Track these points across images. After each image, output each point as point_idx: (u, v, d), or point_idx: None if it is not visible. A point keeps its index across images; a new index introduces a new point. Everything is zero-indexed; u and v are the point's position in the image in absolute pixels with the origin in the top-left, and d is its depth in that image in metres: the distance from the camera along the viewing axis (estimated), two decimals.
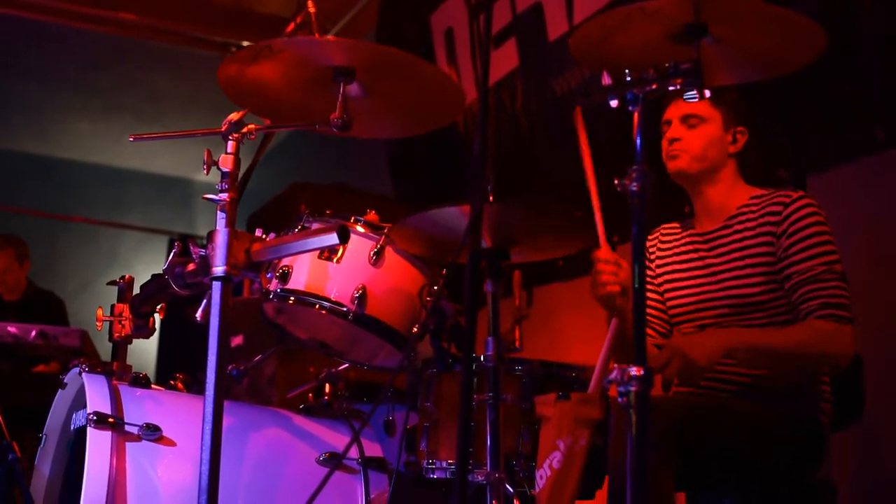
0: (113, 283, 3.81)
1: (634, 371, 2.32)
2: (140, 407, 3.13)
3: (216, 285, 2.84)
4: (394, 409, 3.72)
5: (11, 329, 6.15)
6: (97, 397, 3.08)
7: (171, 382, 3.83)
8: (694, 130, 3.52)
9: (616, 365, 2.34)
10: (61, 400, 3.48)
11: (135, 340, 3.61)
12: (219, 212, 2.92)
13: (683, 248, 3.66)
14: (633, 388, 2.33)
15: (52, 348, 6.26)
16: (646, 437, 2.32)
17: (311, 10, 3.53)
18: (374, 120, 3.34)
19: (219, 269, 2.84)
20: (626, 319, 3.14)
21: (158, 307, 3.65)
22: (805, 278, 3.32)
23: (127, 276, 3.80)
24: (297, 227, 3.31)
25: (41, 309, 7.26)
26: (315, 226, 3.29)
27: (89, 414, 3.01)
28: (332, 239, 2.80)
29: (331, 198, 6.47)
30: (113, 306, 3.70)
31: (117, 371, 3.44)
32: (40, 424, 3.80)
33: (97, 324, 3.70)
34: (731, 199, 3.56)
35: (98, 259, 10.04)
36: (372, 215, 3.53)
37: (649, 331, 3.65)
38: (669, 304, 3.65)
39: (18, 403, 5.90)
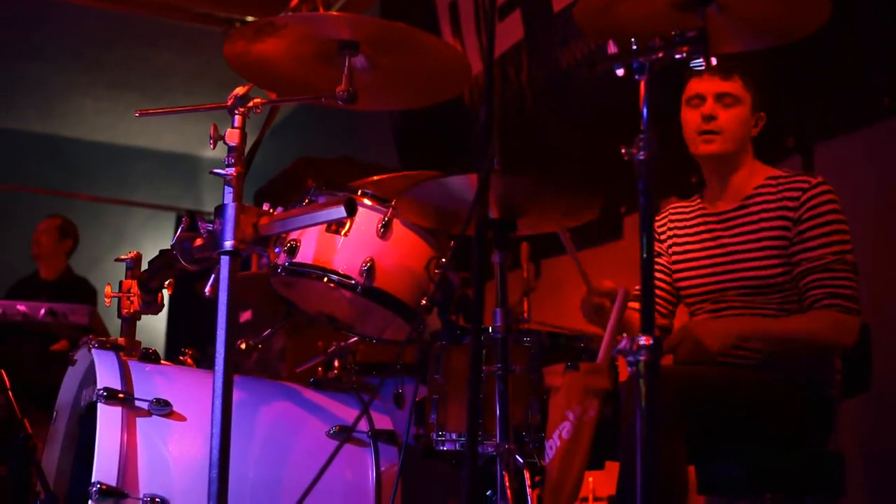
0: (121, 259, 3.81)
1: (644, 340, 2.32)
2: (150, 382, 3.14)
3: (224, 260, 2.85)
4: (403, 382, 3.72)
5: (21, 307, 6.15)
6: (107, 373, 3.09)
7: (181, 358, 3.84)
8: (730, 110, 3.51)
9: (625, 335, 2.34)
10: (71, 377, 3.49)
11: (144, 316, 3.62)
12: (226, 186, 2.93)
13: (697, 228, 3.66)
14: (642, 358, 2.32)
15: (62, 326, 6.27)
16: (655, 407, 2.32)
17: None
18: (380, 92, 3.35)
19: (227, 244, 2.85)
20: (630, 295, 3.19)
21: (167, 283, 3.66)
22: (815, 266, 3.34)
23: (134, 253, 3.80)
24: (304, 201, 3.30)
25: (74, 293, 7.28)
26: (322, 199, 3.28)
27: (99, 390, 3.02)
28: (340, 212, 2.80)
29: (337, 171, 6.47)
30: (121, 282, 3.70)
31: (126, 347, 3.45)
32: (51, 401, 3.82)
33: (106, 300, 3.70)
34: (749, 179, 3.56)
35: (105, 237, 10.04)
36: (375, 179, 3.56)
37: None
38: (682, 283, 3.66)
39: (30, 381, 5.96)
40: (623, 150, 2.45)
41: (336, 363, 4.13)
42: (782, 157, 4.46)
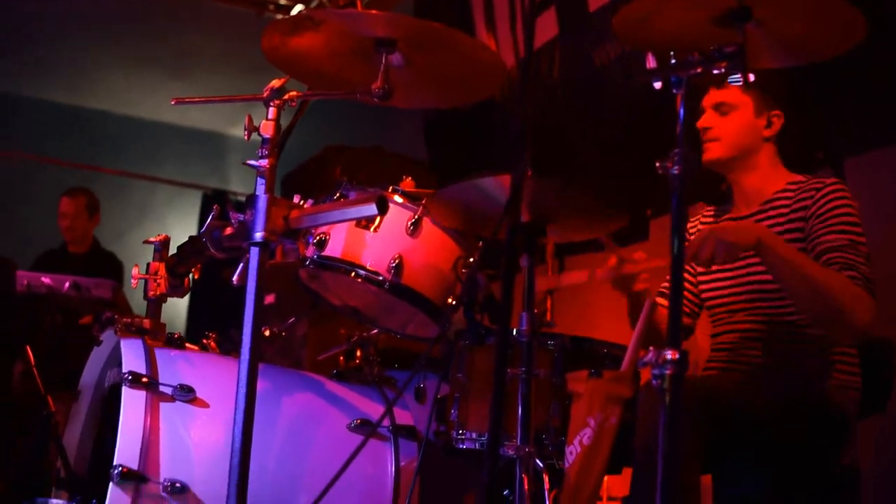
0: (149, 241, 3.84)
1: (670, 354, 2.33)
2: (174, 368, 3.17)
3: (254, 251, 2.87)
4: (425, 377, 3.75)
5: (45, 280, 6.19)
6: (132, 357, 3.12)
7: (204, 342, 3.87)
8: (725, 118, 3.52)
9: (652, 347, 2.35)
10: (96, 357, 3.53)
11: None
12: (258, 178, 2.94)
13: None
14: (668, 372, 2.34)
15: (85, 300, 6.30)
16: (676, 419, 2.33)
17: None
18: (414, 90, 3.35)
19: (257, 235, 2.86)
20: (656, 301, 3.19)
21: (194, 268, 3.69)
22: (829, 247, 3.29)
23: (163, 236, 3.84)
24: (335, 195, 3.32)
25: (101, 268, 7.32)
26: (353, 194, 3.31)
27: (124, 373, 3.05)
28: (371, 210, 2.81)
29: (365, 161, 6.49)
30: (148, 265, 3.74)
31: (151, 329, 3.48)
32: (75, 376, 3.85)
33: (132, 281, 3.74)
34: (769, 183, 3.55)
35: (130, 211, 10.07)
36: (408, 182, 3.55)
37: None
38: (703, 287, 3.66)
39: (53, 355, 6.02)
40: (657, 165, 2.46)
41: (358, 353, 4.17)
42: (811, 171, 4.45)
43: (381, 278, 3.18)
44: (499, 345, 2.41)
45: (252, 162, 2.98)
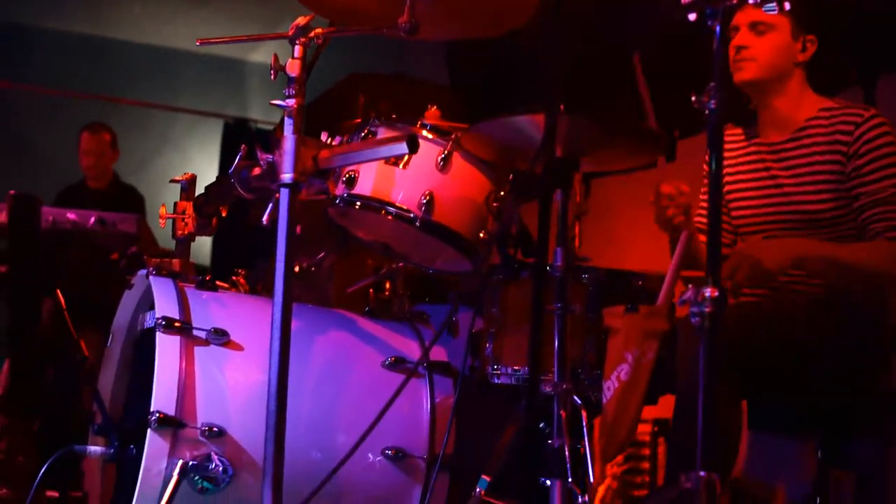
0: (175, 181, 3.82)
1: (709, 292, 2.30)
2: (207, 311, 3.15)
3: (284, 192, 2.83)
4: (457, 310, 3.72)
5: (71, 216, 6.17)
6: (165, 301, 3.10)
7: (234, 278, 3.86)
8: (762, 38, 3.45)
9: (691, 284, 2.32)
10: (127, 300, 3.51)
11: None
12: (286, 118, 2.91)
13: (748, 158, 3.62)
14: (707, 310, 2.31)
15: (110, 235, 6.29)
16: (715, 354, 2.31)
17: None
18: (440, 21, 3.30)
19: (287, 177, 2.82)
20: (693, 233, 3.15)
21: (221, 207, 3.67)
22: (874, 200, 3.30)
23: (188, 174, 3.82)
24: (363, 132, 3.28)
25: (122, 202, 7.30)
26: (382, 130, 3.26)
27: (158, 318, 3.03)
28: (402, 149, 2.77)
29: (387, 88, 6.42)
30: (176, 204, 3.72)
31: (181, 270, 3.47)
32: (102, 313, 3.84)
33: (160, 221, 3.72)
34: (799, 109, 3.51)
35: (150, 141, 10.02)
36: (434, 112, 3.51)
37: None
38: (734, 213, 3.62)
39: (80, 290, 6.02)
40: (693, 98, 2.41)
41: (387, 285, 4.14)
42: (842, 88, 4.38)
43: (412, 216, 3.15)
44: (535, 282, 2.39)
45: (279, 102, 2.94)
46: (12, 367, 6.39)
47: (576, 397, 2.88)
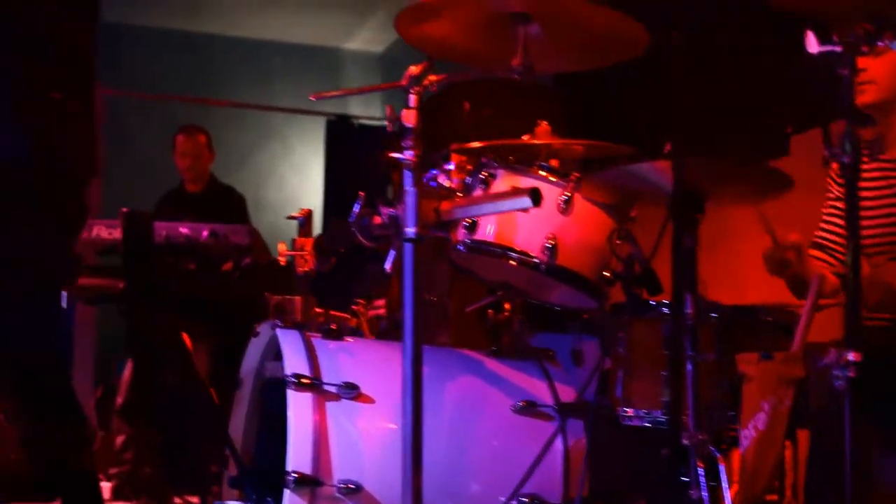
0: (293, 217, 3.85)
1: (852, 356, 2.27)
2: (336, 363, 3.17)
3: (408, 247, 2.83)
4: (581, 339, 3.69)
5: (183, 230, 6.23)
6: (294, 357, 3.13)
7: (354, 308, 3.87)
8: (879, 59, 3.38)
9: (834, 347, 2.29)
10: (254, 347, 3.56)
11: None
12: (405, 171, 2.89)
13: (872, 175, 3.54)
14: (850, 374, 2.27)
15: (223, 246, 6.35)
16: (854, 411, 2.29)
17: None
18: (550, 55, 3.27)
19: (410, 231, 2.82)
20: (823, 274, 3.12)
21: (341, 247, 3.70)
22: None
23: (305, 210, 3.85)
24: (480, 174, 3.26)
25: (222, 204, 7.34)
26: (501, 174, 3.24)
27: (288, 375, 3.06)
28: (525, 202, 2.74)
29: (492, 95, 6.35)
30: (294, 241, 3.75)
31: (303, 309, 3.51)
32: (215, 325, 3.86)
33: (280, 259, 3.76)
34: None
35: (249, 136, 10.06)
36: (544, 127, 3.52)
37: (830, 259, 3.57)
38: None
39: (193, 299, 6.11)
40: (824, 154, 2.37)
41: (506, 306, 4.13)
42: None
43: (535, 261, 3.13)
44: (673, 331, 2.37)
45: (398, 155, 2.92)
46: (132, 380, 6.52)
47: (713, 448, 2.85)
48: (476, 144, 4.15)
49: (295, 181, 10.13)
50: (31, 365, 3.29)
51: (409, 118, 2.91)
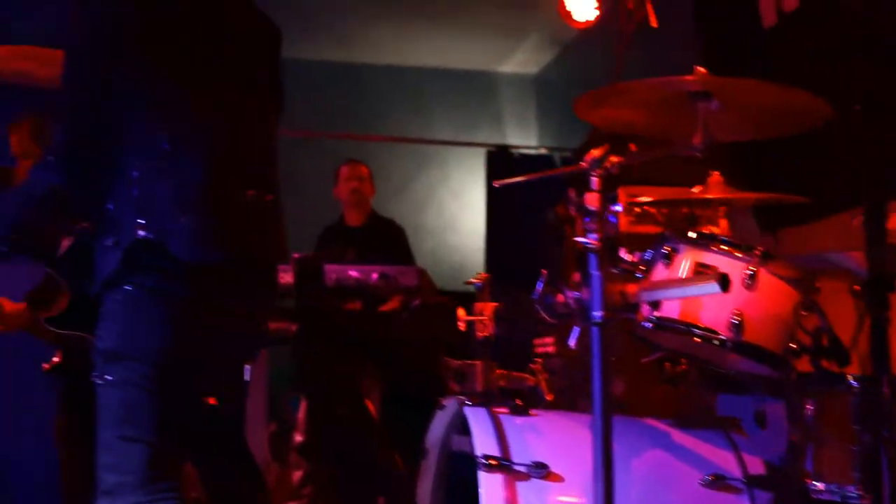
0: (470, 282, 3.91)
1: None
2: (524, 441, 3.22)
3: (595, 331, 2.87)
4: (764, 400, 3.67)
5: (353, 273, 6.36)
6: (484, 438, 3.19)
7: (532, 367, 3.91)
8: None
9: None
10: (439, 420, 3.62)
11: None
12: (590, 254, 2.92)
13: None
14: None
15: (392, 288, 6.46)
16: None
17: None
18: (730, 127, 3.27)
19: (596, 315, 2.86)
20: None
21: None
22: None
23: (484, 275, 3.90)
24: (661, 249, 3.27)
25: (383, 238, 7.48)
26: (682, 248, 3.24)
27: (479, 457, 3.12)
28: (713, 289, 2.76)
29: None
30: (473, 306, 3.81)
31: (484, 375, 3.58)
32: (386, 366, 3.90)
33: (459, 324, 3.82)
34: None
35: (407, 163, 10.14)
36: (716, 177, 3.52)
37: None
38: None
39: (360, 338, 6.23)
40: None
41: (682, 360, 4.13)
42: None
43: (721, 338, 3.13)
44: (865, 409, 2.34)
45: (582, 239, 2.96)
46: (308, 419, 6.67)
47: None
48: (644, 198, 4.19)
49: (454, 206, 10.22)
50: (227, 425, 3.44)
51: (593, 201, 2.94)
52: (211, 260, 3.02)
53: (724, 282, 2.74)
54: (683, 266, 3.19)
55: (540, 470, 3.15)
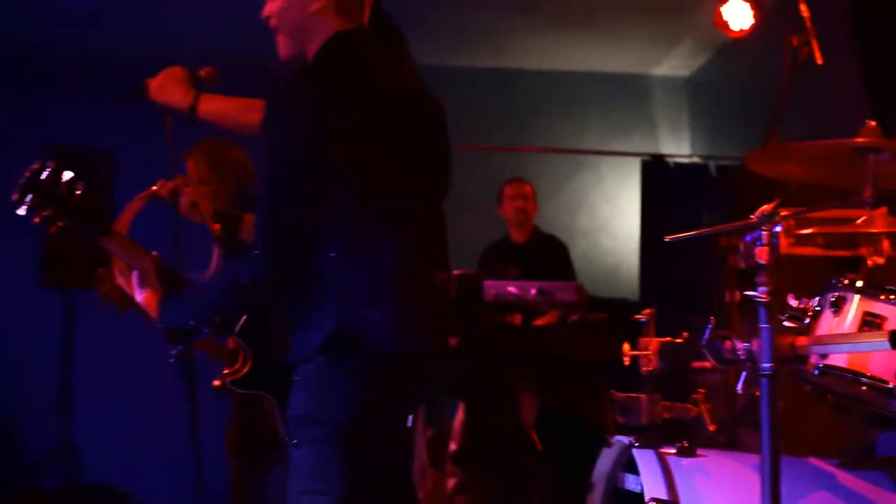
0: (637, 318, 4.00)
1: None
2: (693, 484, 3.31)
3: (764, 382, 2.94)
4: None
5: (511, 289, 6.50)
6: (653, 481, 3.29)
7: (695, 397, 3.97)
8: None
9: None
10: (606, 455, 3.72)
11: None
12: (760, 308, 2.99)
13: None
14: None
15: (549, 303, 6.58)
16: None
17: None
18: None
19: (765, 367, 2.93)
20: None
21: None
22: None
23: (649, 311, 3.98)
24: (830, 296, 3.32)
25: (545, 254, 7.61)
26: (851, 298, 3.28)
27: (648, 501, 3.23)
28: (884, 346, 2.83)
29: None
30: (638, 340, 3.90)
31: (648, 409, 3.68)
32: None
33: (625, 359, 3.91)
34: None
35: (560, 167, 10.18)
36: (881, 211, 3.54)
37: None
38: None
39: (524, 354, 6.34)
40: None
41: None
42: None
43: (890, 387, 3.18)
44: None
45: (751, 293, 3.03)
46: (464, 428, 6.82)
47: None
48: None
49: (607, 210, 10.25)
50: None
51: (763, 255, 3.01)
52: (408, 348, 3.14)
53: (895, 339, 2.80)
54: (852, 316, 3.24)
55: None
